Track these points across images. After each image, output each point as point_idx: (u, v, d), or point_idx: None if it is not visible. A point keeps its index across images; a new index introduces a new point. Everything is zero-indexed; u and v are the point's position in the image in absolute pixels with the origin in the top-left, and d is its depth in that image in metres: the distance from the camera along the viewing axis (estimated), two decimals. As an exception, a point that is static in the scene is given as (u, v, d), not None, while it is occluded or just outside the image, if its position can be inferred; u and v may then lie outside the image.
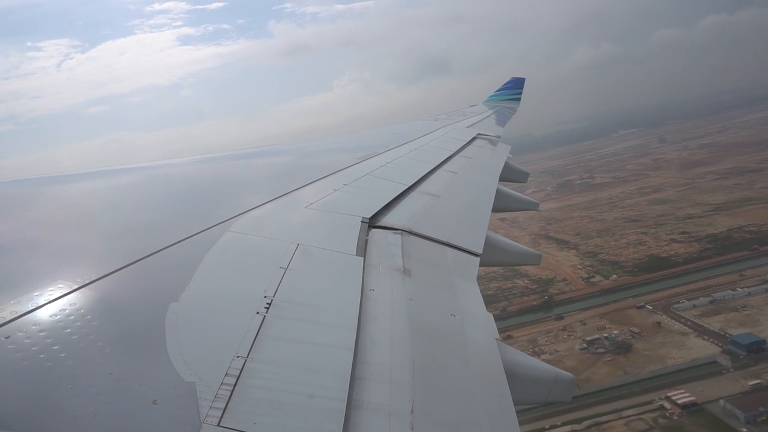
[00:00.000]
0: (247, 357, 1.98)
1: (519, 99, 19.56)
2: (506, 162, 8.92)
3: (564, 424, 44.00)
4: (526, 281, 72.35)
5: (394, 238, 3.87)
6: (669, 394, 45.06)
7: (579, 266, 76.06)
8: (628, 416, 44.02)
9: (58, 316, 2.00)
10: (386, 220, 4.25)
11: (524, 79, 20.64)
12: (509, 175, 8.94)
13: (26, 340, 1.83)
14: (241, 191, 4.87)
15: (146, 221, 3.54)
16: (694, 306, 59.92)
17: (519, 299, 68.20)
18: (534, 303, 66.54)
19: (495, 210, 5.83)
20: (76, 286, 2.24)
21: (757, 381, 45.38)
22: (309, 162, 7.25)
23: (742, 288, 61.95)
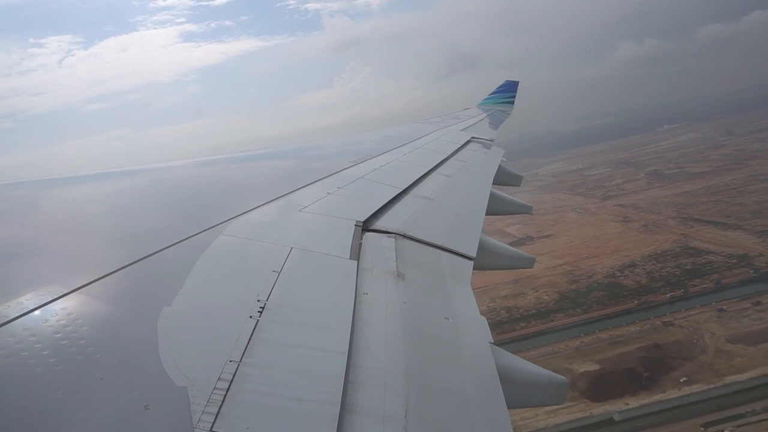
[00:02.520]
0: (240, 361, 1.97)
1: (513, 102, 19.64)
2: (500, 165, 8.95)
3: None
4: (719, 257, 71.79)
5: (387, 241, 3.88)
6: None
7: (763, 243, 74.92)
8: None
9: (48, 321, 1.98)
10: (380, 223, 4.25)
11: (518, 82, 20.73)
12: (503, 178, 8.97)
13: (16, 345, 1.81)
14: (235, 194, 4.86)
15: (138, 224, 3.52)
16: None
17: (728, 272, 67.65)
18: (753, 274, 65.88)
19: (488, 213, 5.85)
20: (67, 291, 2.22)
21: None
22: (303, 165, 7.25)
23: None
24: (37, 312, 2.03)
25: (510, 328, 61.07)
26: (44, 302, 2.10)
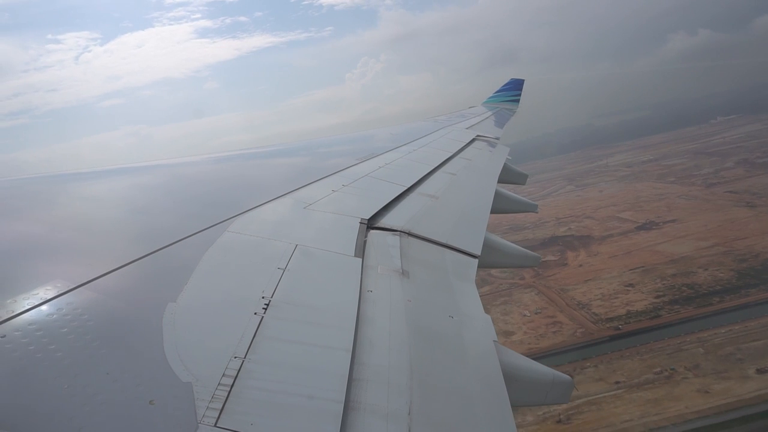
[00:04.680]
0: (245, 358, 1.98)
1: (518, 100, 19.58)
2: (505, 164, 8.93)
3: None
4: None
5: (392, 239, 3.87)
6: None
7: None
8: None
9: (54, 316, 2.00)
10: (385, 221, 4.25)
11: (523, 80, 20.66)
12: (508, 176, 8.95)
13: (23, 340, 1.82)
14: (240, 191, 4.87)
15: (144, 221, 3.53)
16: None
17: None
18: None
19: (493, 212, 5.83)
20: (73, 286, 2.23)
21: None
22: (308, 162, 7.25)
23: None
24: (43, 307, 2.04)
25: (704, 302, 59.90)
26: (50, 297, 2.11)
